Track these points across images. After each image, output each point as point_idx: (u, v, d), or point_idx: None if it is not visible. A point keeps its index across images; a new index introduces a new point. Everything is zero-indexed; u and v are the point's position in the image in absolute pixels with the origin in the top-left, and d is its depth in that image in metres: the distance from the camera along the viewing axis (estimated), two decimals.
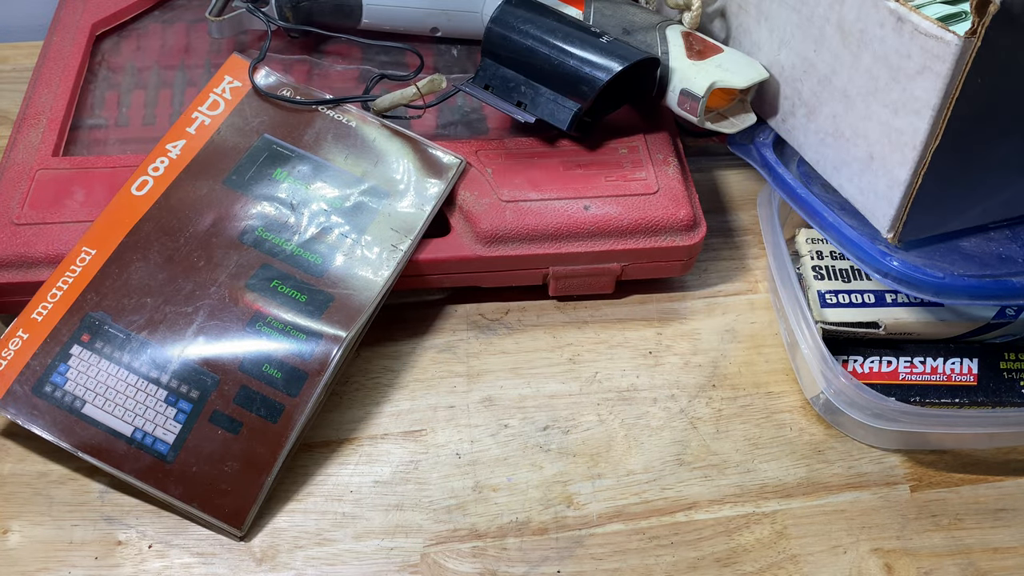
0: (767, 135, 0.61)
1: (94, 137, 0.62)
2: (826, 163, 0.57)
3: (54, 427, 0.49)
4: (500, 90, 0.60)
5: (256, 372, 0.51)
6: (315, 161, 0.58)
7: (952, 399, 0.55)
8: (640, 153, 0.61)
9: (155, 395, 0.50)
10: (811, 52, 0.55)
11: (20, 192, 0.56)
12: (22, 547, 0.48)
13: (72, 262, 0.53)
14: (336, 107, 0.60)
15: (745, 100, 0.61)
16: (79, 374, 0.50)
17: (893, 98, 0.49)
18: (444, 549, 0.49)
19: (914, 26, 0.46)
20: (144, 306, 0.52)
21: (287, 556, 0.49)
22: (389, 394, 0.56)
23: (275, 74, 0.62)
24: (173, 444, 0.49)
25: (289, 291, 0.53)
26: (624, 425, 0.55)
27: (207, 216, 0.55)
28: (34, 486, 0.51)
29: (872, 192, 0.53)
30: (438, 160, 0.59)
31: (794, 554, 0.50)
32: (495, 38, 0.60)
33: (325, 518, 0.50)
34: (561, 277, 0.59)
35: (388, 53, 0.68)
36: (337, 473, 0.52)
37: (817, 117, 0.56)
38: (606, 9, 0.63)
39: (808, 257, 0.58)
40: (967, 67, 0.45)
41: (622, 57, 0.57)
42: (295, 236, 0.55)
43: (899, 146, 0.50)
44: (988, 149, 0.50)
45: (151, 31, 0.70)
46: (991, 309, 0.54)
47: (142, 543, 0.49)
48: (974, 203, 0.53)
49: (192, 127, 0.59)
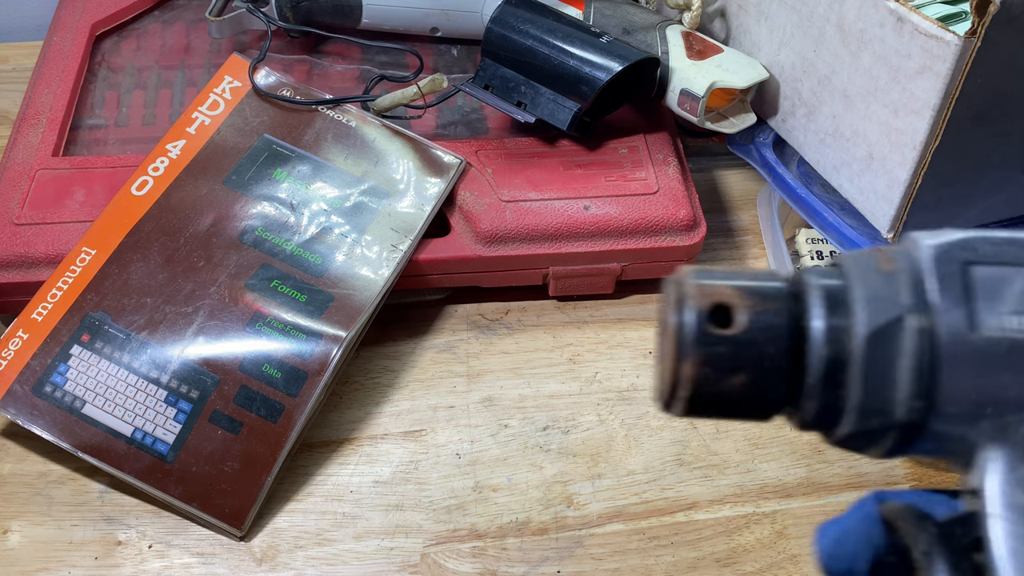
0: (767, 135, 0.61)
1: (94, 137, 0.62)
2: (826, 163, 0.57)
3: (54, 427, 0.49)
4: (500, 90, 0.60)
5: (256, 372, 0.51)
6: (315, 161, 0.58)
7: None
8: (640, 153, 0.61)
9: (155, 395, 0.50)
10: (811, 52, 0.55)
11: (20, 192, 0.56)
12: (22, 547, 0.48)
13: (72, 262, 0.53)
14: (336, 107, 0.60)
15: (745, 100, 0.61)
16: (79, 374, 0.50)
17: (893, 98, 0.49)
18: (444, 549, 0.49)
19: (914, 26, 0.46)
20: (144, 306, 0.52)
21: (287, 556, 0.49)
22: (389, 394, 0.56)
23: (275, 74, 0.62)
24: (173, 444, 0.49)
25: (289, 291, 0.53)
26: (624, 425, 0.55)
27: (207, 216, 0.55)
28: (34, 486, 0.51)
29: (872, 192, 0.53)
30: (438, 160, 0.59)
31: (794, 554, 0.50)
32: (495, 38, 0.60)
33: (325, 518, 0.50)
34: (561, 277, 0.59)
35: (388, 53, 0.68)
36: (337, 473, 0.52)
37: (817, 117, 0.56)
38: (606, 9, 0.63)
39: (808, 257, 0.58)
40: (967, 67, 0.45)
41: (622, 57, 0.57)
42: (295, 236, 0.55)
43: (899, 146, 0.50)
44: (988, 149, 0.50)
45: (151, 31, 0.70)
46: None
47: (142, 543, 0.49)
48: (974, 203, 0.53)
49: (192, 127, 0.59)
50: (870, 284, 0.23)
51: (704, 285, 0.24)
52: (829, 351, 0.23)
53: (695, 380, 0.24)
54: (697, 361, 0.24)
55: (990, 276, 0.23)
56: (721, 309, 0.24)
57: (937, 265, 0.23)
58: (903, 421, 0.23)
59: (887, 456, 0.24)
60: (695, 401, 0.24)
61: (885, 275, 0.23)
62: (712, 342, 0.23)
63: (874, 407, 0.23)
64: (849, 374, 0.23)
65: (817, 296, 0.24)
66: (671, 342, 0.24)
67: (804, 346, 0.24)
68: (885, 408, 0.23)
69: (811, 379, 0.23)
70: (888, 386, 0.23)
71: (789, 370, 0.24)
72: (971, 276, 0.23)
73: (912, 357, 0.22)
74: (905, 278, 0.23)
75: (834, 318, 0.23)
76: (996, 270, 0.23)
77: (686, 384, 0.24)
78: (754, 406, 0.24)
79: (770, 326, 0.23)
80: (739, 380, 0.24)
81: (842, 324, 0.23)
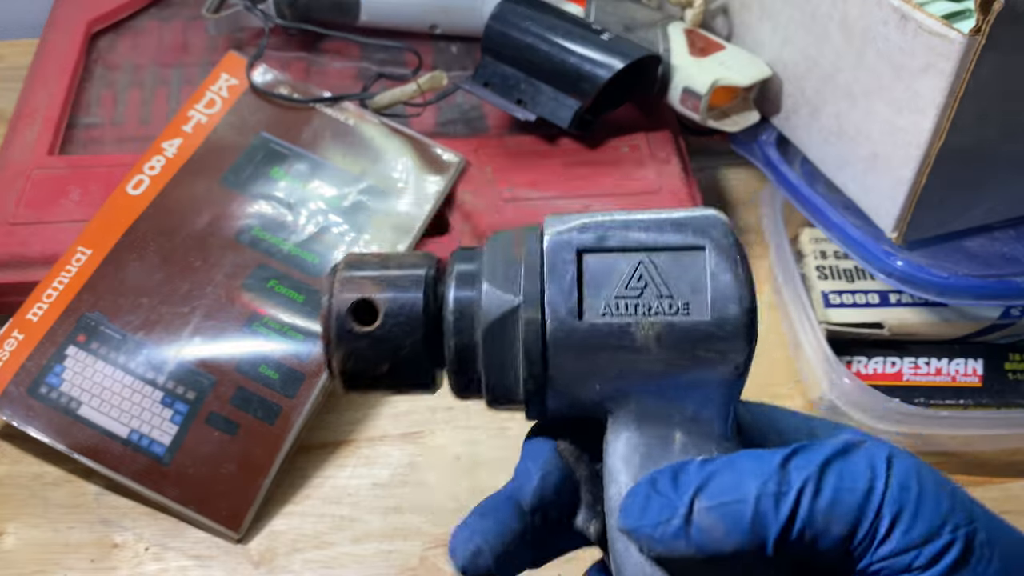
0: (770, 133, 0.61)
1: (90, 136, 0.62)
2: (829, 162, 0.56)
3: (50, 428, 0.49)
4: (500, 88, 0.60)
5: (253, 373, 0.50)
6: (313, 160, 0.57)
7: (957, 400, 0.55)
8: (642, 151, 0.60)
9: (151, 396, 0.50)
10: (814, 50, 0.54)
11: (15, 191, 0.56)
12: (18, 549, 0.48)
13: (68, 262, 0.53)
14: (334, 105, 0.60)
15: (748, 98, 0.60)
16: (75, 375, 0.50)
17: (897, 96, 0.49)
18: (443, 552, 0.49)
19: (918, 24, 0.46)
20: (140, 306, 0.52)
21: (285, 559, 0.48)
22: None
23: (272, 72, 0.61)
24: (169, 446, 0.49)
25: (287, 291, 0.53)
26: None
27: (204, 215, 0.55)
28: (30, 488, 0.50)
29: (876, 191, 0.52)
30: (437, 158, 0.58)
31: None
32: (495, 35, 0.59)
33: (323, 521, 0.50)
34: None
35: (386, 51, 0.68)
36: (335, 475, 0.51)
37: (820, 115, 0.56)
38: (607, 6, 0.62)
39: (811, 257, 0.58)
40: (972, 65, 0.44)
41: (623, 54, 0.57)
42: (293, 235, 0.54)
43: (903, 145, 0.49)
44: (993, 148, 0.49)
45: (147, 29, 0.69)
46: (996, 309, 0.54)
47: (138, 545, 0.48)
48: (979, 202, 0.52)
49: (188, 125, 0.58)
50: (496, 274, 0.26)
51: (351, 279, 0.26)
52: (457, 341, 0.26)
53: (343, 371, 0.26)
54: (340, 356, 0.26)
55: (599, 263, 0.25)
56: (364, 304, 0.26)
57: (552, 255, 0.25)
58: (523, 398, 0.26)
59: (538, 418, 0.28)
60: (349, 384, 0.27)
61: (510, 263, 0.26)
62: (353, 338, 0.26)
63: (499, 386, 0.26)
64: (476, 359, 0.26)
65: (452, 285, 0.26)
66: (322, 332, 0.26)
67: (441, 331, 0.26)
68: (508, 387, 0.26)
69: (447, 364, 0.26)
70: (506, 371, 0.26)
71: (431, 353, 0.26)
72: (583, 265, 0.25)
73: (523, 345, 0.25)
74: (526, 269, 0.25)
75: (461, 308, 0.26)
76: (605, 257, 0.25)
77: (337, 372, 0.26)
78: (406, 385, 0.27)
79: (406, 320, 0.26)
80: (383, 368, 0.26)
81: (468, 312, 0.26)
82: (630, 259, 0.25)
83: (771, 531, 0.22)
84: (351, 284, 0.26)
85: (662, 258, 0.25)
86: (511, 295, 0.25)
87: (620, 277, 0.25)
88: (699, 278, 0.25)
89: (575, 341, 0.25)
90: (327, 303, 0.26)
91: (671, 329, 0.24)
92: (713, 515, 0.23)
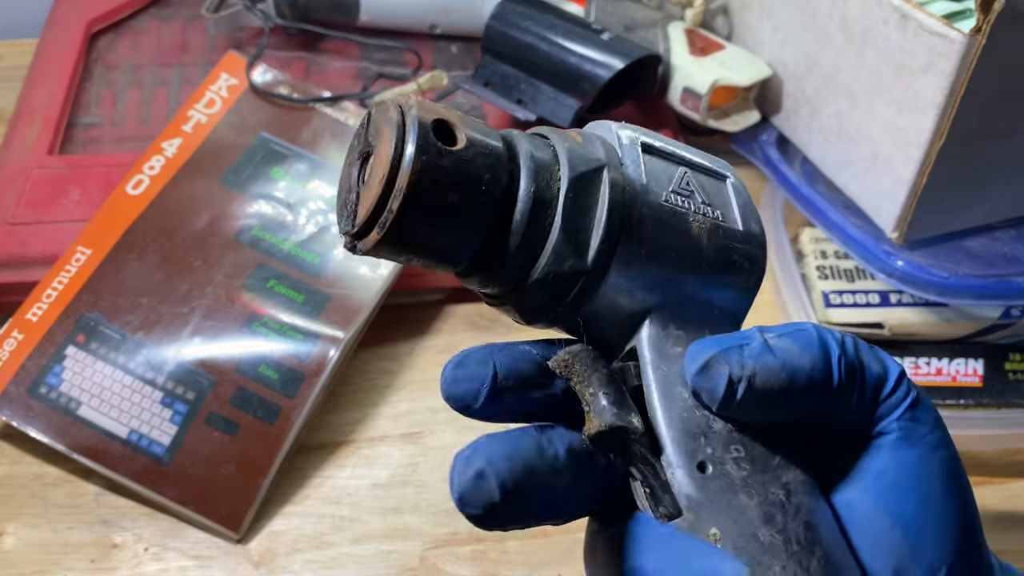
0: (770, 133, 0.61)
1: (89, 136, 0.62)
2: (830, 162, 0.56)
3: (49, 429, 0.49)
4: (500, 87, 0.60)
5: (253, 373, 0.50)
6: (312, 159, 0.57)
7: (957, 400, 0.55)
8: None
9: (151, 396, 0.49)
10: (814, 49, 0.54)
11: (15, 191, 0.56)
12: (17, 550, 0.48)
13: (67, 262, 0.52)
14: (334, 105, 0.60)
15: (748, 98, 0.60)
16: (74, 375, 0.50)
17: (897, 96, 0.49)
18: (443, 553, 0.49)
19: (918, 23, 0.46)
20: (140, 306, 0.51)
21: (285, 560, 0.48)
22: (387, 395, 0.55)
23: (272, 71, 0.61)
24: (169, 446, 0.49)
25: (286, 291, 0.52)
26: None
27: (203, 215, 0.55)
28: (29, 488, 0.50)
29: (876, 191, 0.52)
30: None
31: None
32: (495, 35, 0.59)
33: (323, 521, 0.50)
34: None
35: (386, 51, 0.68)
36: (335, 476, 0.51)
37: (821, 115, 0.56)
38: (608, 6, 0.62)
39: (812, 257, 0.58)
40: (972, 65, 0.44)
41: (623, 54, 0.57)
42: (292, 235, 0.54)
43: (903, 145, 0.49)
44: (994, 148, 0.49)
45: (147, 28, 0.69)
46: (996, 309, 0.54)
47: (138, 546, 0.48)
48: (979, 202, 0.52)
49: (188, 125, 0.58)
50: (571, 145, 0.26)
51: (426, 104, 0.24)
52: (536, 188, 0.24)
53: (412, 187, 0.23)
54: (418, 168, 0.23)
55: (654, 163, 0.27)
56: (445, 127, 0.24)
57: (622, 140, 0.27)
58: (590, 267, 0.25)
59: (556, 323, 0.26)
60: (402, 217, 0.23)
61: (586, 138, 0.26)
62: (436, 153, 0.23)
63: (569, 248, 0.25)
64: (551, 212, 0.25)
65: (526, 141, 0.25)
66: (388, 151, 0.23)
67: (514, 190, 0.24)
68: (578, 251, 0.25)
69: (518, 214, 0.24)
70: (583, 229, 0.25)
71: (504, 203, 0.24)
72: (649, 156, 0.27)
73: (608, 203, 0.25)
74: (602, 143, 0.26)
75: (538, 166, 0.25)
76: (658, 161, 0.27)
77: (399, 195, 0.23)
78: (456, 240, 0.24)
79: (490, 154, 0.24)
80: (455, 197, 0.23)
81: (549, 165, 0.25)
82: (678, 167, 0.27)
83: (833, 350, 0.25)
84: (428, 108, 0.24)
85: (700, 175, 0.28)
86: (595, 158, 0.25)
87: (673, 177, 0.27)
88: (727, 198, 0.28)
89: (648, 213, 0.25)
90: (399, 116, 0.23)
91: (716, 229, 0.27)
92: (784, 340, 0.25)
